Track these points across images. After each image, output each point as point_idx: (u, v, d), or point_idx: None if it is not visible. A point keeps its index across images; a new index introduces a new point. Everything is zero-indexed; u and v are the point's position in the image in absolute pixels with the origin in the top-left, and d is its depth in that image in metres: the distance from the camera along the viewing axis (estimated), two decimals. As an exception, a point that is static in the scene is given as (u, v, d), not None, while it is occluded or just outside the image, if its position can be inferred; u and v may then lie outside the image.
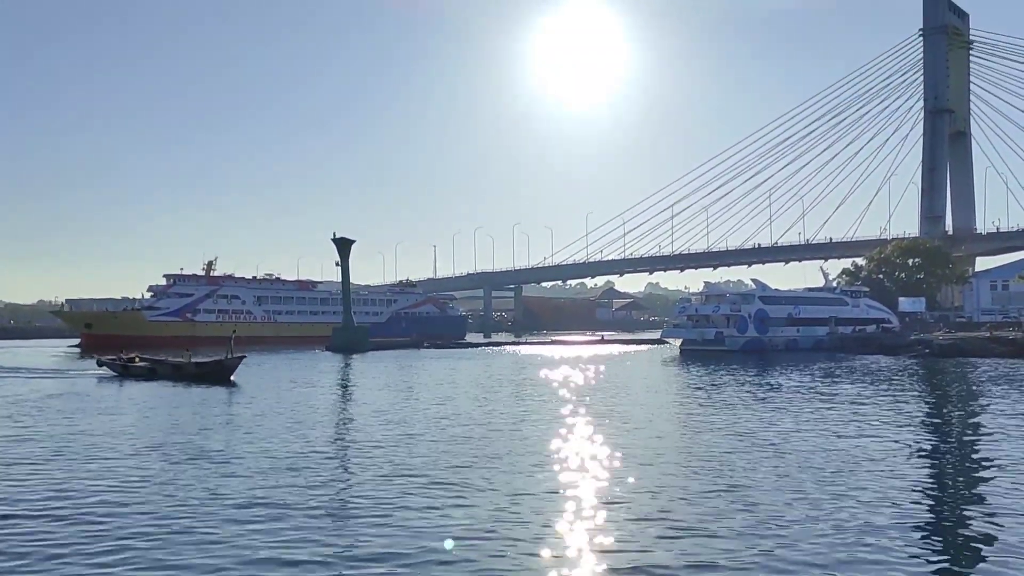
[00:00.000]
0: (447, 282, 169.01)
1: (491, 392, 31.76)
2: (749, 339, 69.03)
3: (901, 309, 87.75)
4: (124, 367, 42.06)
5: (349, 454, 17.36)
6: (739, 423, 21.83)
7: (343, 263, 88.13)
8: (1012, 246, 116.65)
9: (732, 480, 13.97)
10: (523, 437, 19.29)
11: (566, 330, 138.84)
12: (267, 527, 11.00)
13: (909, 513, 11.81)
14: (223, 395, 31.26)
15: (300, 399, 29.48)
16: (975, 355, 57.05)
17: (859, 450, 17.24)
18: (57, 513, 11.88)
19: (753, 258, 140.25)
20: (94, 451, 17.51)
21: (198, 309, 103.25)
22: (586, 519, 11.15)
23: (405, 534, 10.61)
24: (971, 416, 24.56)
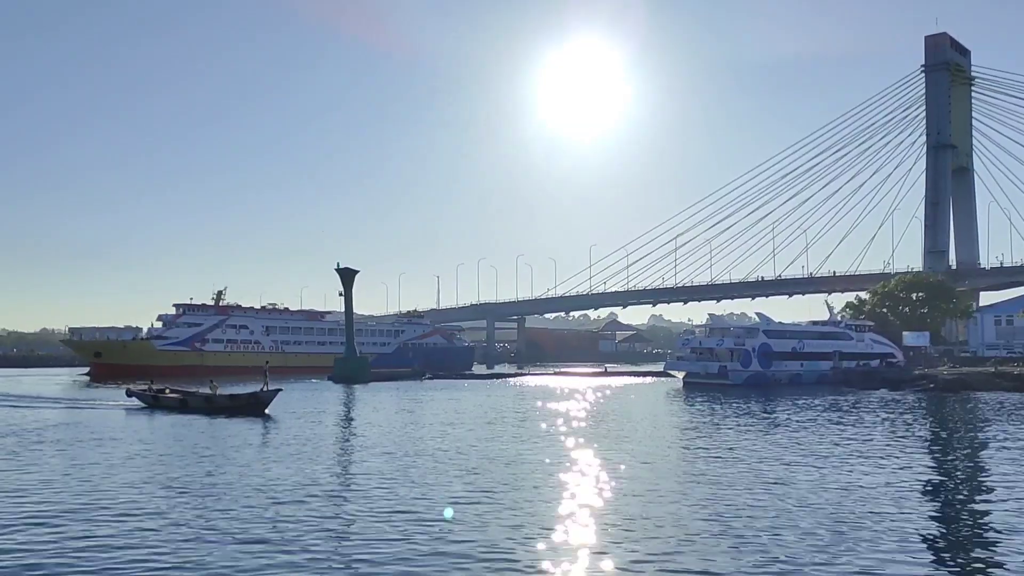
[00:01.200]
0: (450, 313, 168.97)
1: (495, 424, 31.62)
2: (753, 373, 68.79)
3: (905, 343, 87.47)
4: (155, 398, 40.85)
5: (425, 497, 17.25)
6: (741, 458, 21.71)
7: (346, 293, 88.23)
8: (1016, 281, 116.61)
9: (732, 516, 13.90)
10: (523, 473, 19.19)
11: (569, 362, 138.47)
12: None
13: (910, 550, 11.70)
14: (260, 430, 30.04)
15: (339, 434, 29.41)
16: (980, 389, 56.78)
17: (861, 486, 17.14)
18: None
19: (757, 291, 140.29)
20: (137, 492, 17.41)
21: (207, 339, 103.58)
22: (583, 554, 11.05)
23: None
24: (975, 451, 24.40)
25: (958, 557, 11.66)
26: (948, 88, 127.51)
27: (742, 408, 41.36)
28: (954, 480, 19.05)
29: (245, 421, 32.75)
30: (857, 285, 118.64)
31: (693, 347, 75.50)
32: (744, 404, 44.36)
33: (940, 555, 11.65)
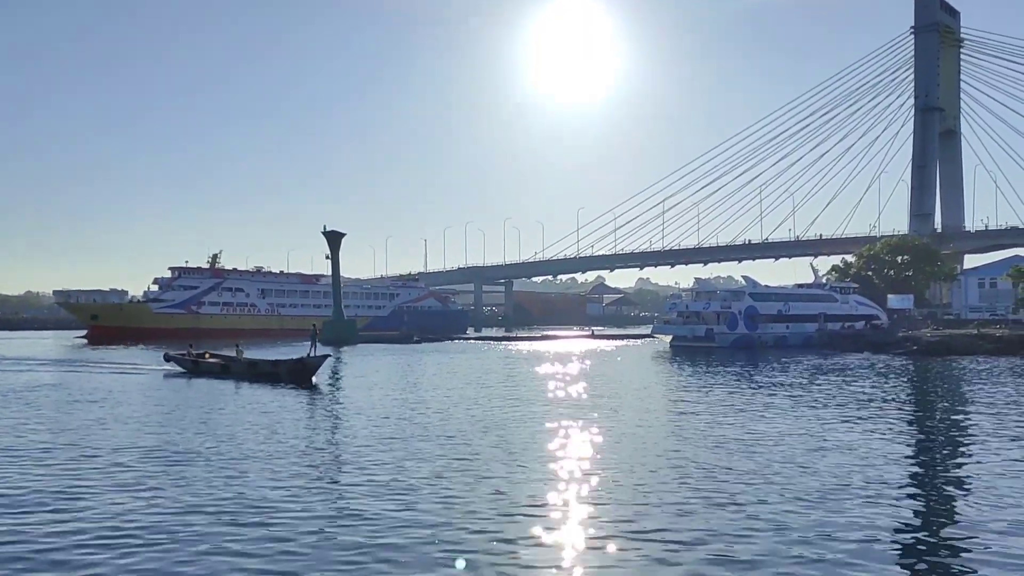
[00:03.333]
0: (438, 276, 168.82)
1: (485, 387, 31.78)
2: (739, 336, 69.33)
3: (890, 306, 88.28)
4: (195, 363, 38.81)
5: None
6: (727, 420, 21.94)
7: (333, 256, 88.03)
8: (1000, 244, 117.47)
9: (719, 477, 14.06)
10: (508, 438, 19.33)
11: (556, 325, 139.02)
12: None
13: (892, 510, 11.91)
14: (306, 399, 27.66)
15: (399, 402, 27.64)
16: (962, 352, 57.43)
17: (844, 446, 17.36)
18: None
19: (743, 254, 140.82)
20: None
21: (203, 302, 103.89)
22: (569, 523, 11.16)
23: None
24: (955, 413, 24.75)
25: (937, 515, 11.86)
26: (937, 50, 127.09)
27: (728, 370, 41.73)
28: (935, 440, 19.33)
29: (290, 390, 30.43)
30: (843, 248, 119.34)
31: (680, 310, 75.95)
32: (730, 366, 44.76)
33: (918, 512, 11.86)
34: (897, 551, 9.90)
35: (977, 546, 10.19)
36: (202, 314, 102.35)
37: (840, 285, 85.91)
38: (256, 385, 31.94)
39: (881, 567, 9.21)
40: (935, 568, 9.44)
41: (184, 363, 39.22)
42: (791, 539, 10.21)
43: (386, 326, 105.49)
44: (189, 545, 9.97)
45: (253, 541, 10.12)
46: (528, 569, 9.14)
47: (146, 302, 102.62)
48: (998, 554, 9.80)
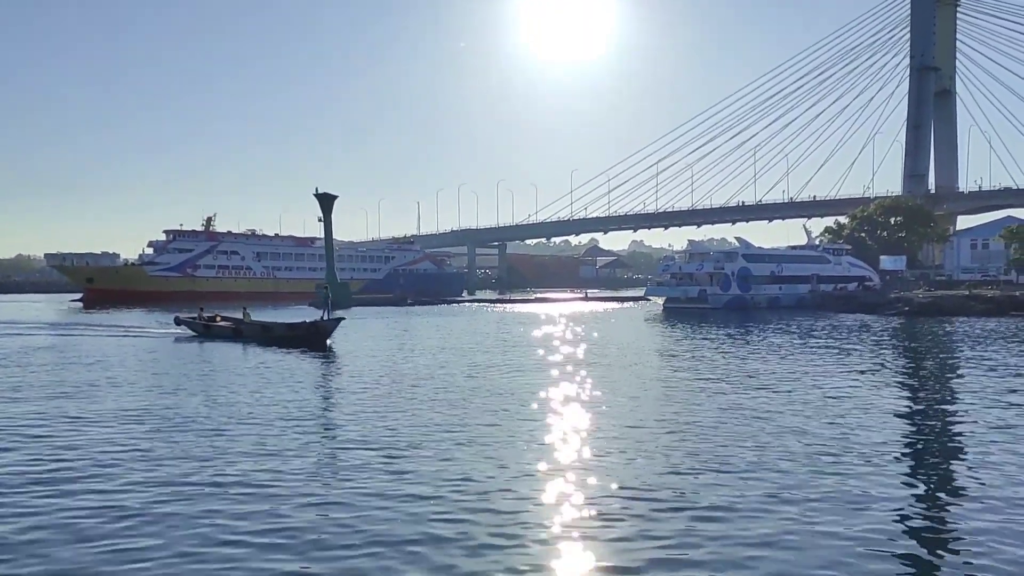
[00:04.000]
0: (431, 239, 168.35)
1: (481, 352, 31.85)
2: (732, 297, 69.56)
3: (882, 267, 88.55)
4: (206, 326, 38.27)
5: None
6: (719, 380, 22.05)
7: (326, 219, 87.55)
8: (993, 205, 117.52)
9: (707, 440, 14.14)
10: (506, 399, 19.40)
11: (550, 288, 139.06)
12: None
13: (884, 471, 12.02)
14: (320, 363, 27.14)
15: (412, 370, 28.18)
16: (953, 313, 57.77)
17: (834, 407, 17.49)
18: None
19: (737, 216, 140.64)
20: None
21: (198, 264, 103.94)
22: (561, 484, 11.22)
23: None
24: (942, 373, 24.94)
25: (929, 475, 11.99)
26: (933, 8, 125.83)
27: (721, 331, 41.89)
28: (923, 400, 19.47)
29: (304, 353, 29.95)
30: (837, 210, 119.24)
31: (673, 272, 76.10)
32: (723, 328, 44.92)
33: (907, 470, 11.98)
34: (890, 512, 9.98)
35: (970, 507, 10.30)
36: (197, 277, 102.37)
37: (833, 247, 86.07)
38: (269, 348, 31.58)
39: (874, 529, 9.28)
40: (929, 530, 9.53)
41: (195, 326, 38.76)
42: (783, 500, 10.27)
43: (381, 289, 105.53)
44: (194, 505, 10.01)
45: (256, 507, 10.16)
46: (519, 528, 9.20)
47: (141, 265, 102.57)
48: (991, 513, 9.91)
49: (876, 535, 8.90)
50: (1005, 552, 8.41)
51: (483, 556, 8.16)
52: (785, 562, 8.10)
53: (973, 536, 8.99)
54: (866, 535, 8.88)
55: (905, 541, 8.86)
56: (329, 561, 8.11)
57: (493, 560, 8.01)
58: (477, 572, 7.80)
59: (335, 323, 34.44)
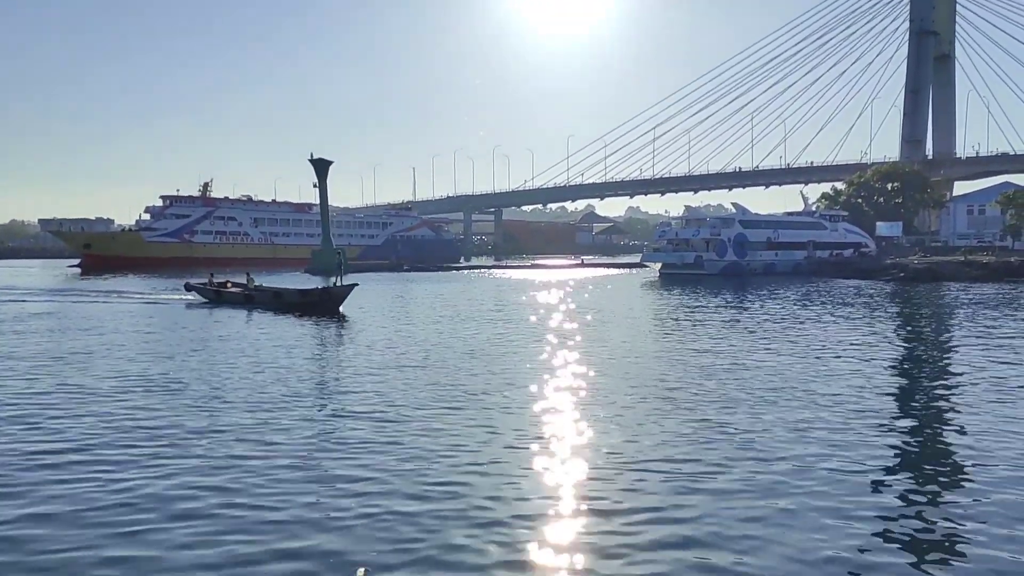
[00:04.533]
0: (427, 205, 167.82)
1: (472, 319, 31.90)
2: (728, 263, 69.54)
3: (878, 234, 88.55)
4: (217, 292, 38.01)
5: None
6: (714, 346, 22.14)
7: (321, 184, 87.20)
8: (990, 171, 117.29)
9: (702, 405, 14.22)
10: (501, 365, 19.46)
11: (546, 254, 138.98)
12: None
13: (878, 434, 12.11)
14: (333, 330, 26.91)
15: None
16: (949, 279, 57.91)
17: (829, 371, 17.58)
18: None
19: (734, 182, 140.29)
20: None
21: (195, 230, 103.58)
22: (554, 449, 11.28)
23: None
24: (935, 337, 25.08)
25: (923, 436, 12.08)
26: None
27: (715, 298, 41.94)
28: (919, 364, 19.59)
29: (317, 320, 29.68)
30: (834, 175, 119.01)
31: (669, 238, 76.01)
32: (718, 294, 44.99)
33: (901, 433, 12.07)
34: (885, 476, 10.07)
35: (963, 467, 10.39)
36: (195, 243, 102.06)
37: (829, 213, 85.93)
38: (281, 315, 31.32)
39: (868, 493, 9.36)
40: (922, 492, 9.62)
41: (206, 292, 38.46)
42: (777, 466, 10.31)
43: (379, 255, 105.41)
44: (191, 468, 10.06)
45: (260, 466, 10.22)
46: (510, 490, 9.26)
47: (138, 231, 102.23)
48: (983, 473, 10.00)
49: (870, 501, 8.96)
50: (999, 514, 8.51)
51: (474, 524, 8.19)
52: (779, 526, 8.18)
53: (968, 498, 9.08)
54: (861, 500, 8.94)
55: (901, 506, 8.95)
56: (322, 532, 8.16)
57: (484, 528, 8.05)
58: (468, 540, 7.85)
59: (348, 289, 33.87)
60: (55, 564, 7.20)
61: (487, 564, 7.19)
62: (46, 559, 7.30)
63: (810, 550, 7.47)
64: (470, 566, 7.14)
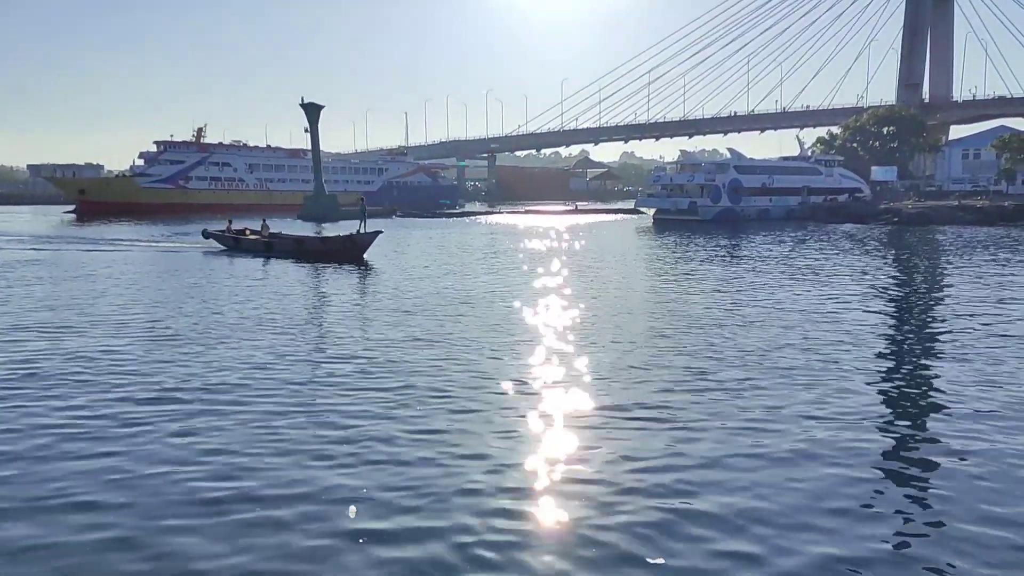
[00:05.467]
0: (419, 150, 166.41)
1: (468, 262, 31.87)
2: (722, 209, 69.32)
3: (873, 178, 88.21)
4: (235, 240, 36.98)
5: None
6: (705, 291, 22.23)
7: (312, 129, 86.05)
8: (987, 114, 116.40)
9: (695, 354, 14.29)
10: (491, 311, 19.50)
11: (540, 200, 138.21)
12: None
13: (869, 381, 12.22)
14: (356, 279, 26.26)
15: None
16: (942, 223, 57.98)
17: (821, 315, 17.68)
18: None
19: (729, 127, 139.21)
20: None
21: (190, 176, 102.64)
22: (544, 398, 11.35)
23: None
24: (930, 280, 25.21)
25: (914, 382, 12.20)
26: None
27: (708, 244, 41.94)
28: (911, 307, 19.71)
29: (340, 268, 29.09)
30: (830, 119, 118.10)
31: (664, 184, 75.57)
32: (712, 239, 44.98)
33: (894, 375, 12.19)
34: (877, 425, 10.16)
35: (954, 414, 10.51)
36: (190, 189, 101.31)
37: (825, 158, 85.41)
38: (303, 263, 30.73)
39: (860, 441, 9.45)
40: (914, 438, 9.74)
41: (224, 240, 37.63)
42: (770, 415, 10.35)
43: (375, 201, 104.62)
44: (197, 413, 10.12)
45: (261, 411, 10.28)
46: (501, 441, 9.34)
47: (132, 176, 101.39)
48: (973, 418, 10.12)
49: (863, 448, 9.03)
50: (985, 457, 8.63)
51: (464, 475, 8.25)
52: (771, 475, 8.27)
53: (961, 442, 9.20)
54: (853, 447, 8.99)
55: (891, 453, 9.06)
56: (315, 472, 8.24)
57: (476, 478, 8.12)
58: (456, 484, 7.93)
59: (372, 237, 32.93)
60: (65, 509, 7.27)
61: (473, 505, 7.27)
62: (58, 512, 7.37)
63: (807, 498, 7.56)
64: (458, 507, 7.23)
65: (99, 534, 6.71)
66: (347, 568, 6.15)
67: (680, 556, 6.30)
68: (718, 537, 6.61)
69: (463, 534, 6.66)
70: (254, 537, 6.63)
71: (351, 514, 7.06)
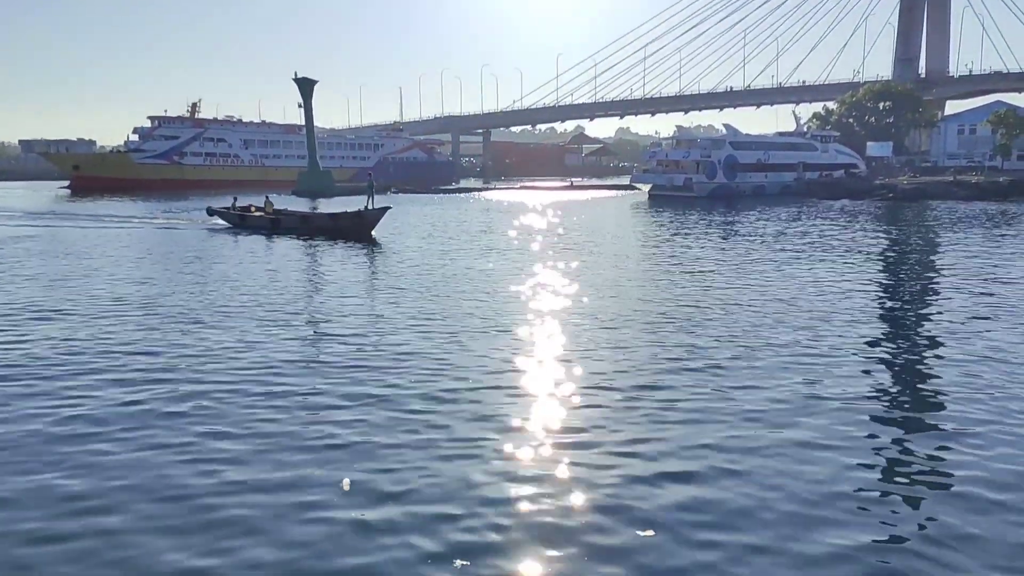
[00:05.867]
0: (414, 126, 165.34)
1: (463, 237, 31.85)
2: (718, 185, 69.17)
3: (868, 154, 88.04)
4: (241, 217, 36.47)
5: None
6: (701, 268, 22.29)
7: (306, 104, 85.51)
8: (983, 89, 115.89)
9: (689, 330, 14.36)
10: (484, 285, 19.54)
11: (535, 176, 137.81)
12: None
13: (859, 344, 12.31)
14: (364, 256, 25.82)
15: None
16: (938, 199, 58.02)
17: (811, 290, 17.76)
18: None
19: (725, 102, 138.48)
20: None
21: (185, 152, 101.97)
22: (537, 372, 11.42)
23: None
24: (923, 255, 25.28)
25: (908, 354, 12.29)
26: None
27: (704, 220, 41.95)
28: (905, 284, 19.79)
29: (347, 245, 28.74)
30: (826, 95, 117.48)
31: (659, 159, 75.34)
32: (707, 216, 44.96)
33: (888, 352, 12.28)
34: (869, 400, 10.24)
35: (946, 387, 10.60)
36: (185, 165, 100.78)
37: (821, 133, 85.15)
38: (310, 240, 30.41)
39: (852, 416, 9.53)
40: (911, 416, 9.82)
41: (229, 217, 37.13)
42: (764, 396, 10.40)
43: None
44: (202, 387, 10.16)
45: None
46: (492, 421, 9.41)
47: (127, 152, 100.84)
48: (964, 392, 10.22)
49: (856, 423, 9.13)
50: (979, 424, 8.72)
51: (453, 444, 8.34)
52: (766, 460, 8.35)
53: (957, 420, 9.29)
54: (846, 426, 9.07)
55: (886, 432, 9.14)
56: (310, 448, 8.31)
57: (462, 447, 8.21)
58: (448, 460, 8.00)
59: (380, 212, 32.53)
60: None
61: (465, 480, 7.35)
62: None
63: (808, 484, 7.64)
64: (450, 478, 7.30)
65: (86, 521, 6.75)
66: (345, 546, 6.22)
67: (673, 540, 6.35)
68: (712, 522, 6.66)
69: (451, 508, 6.74)
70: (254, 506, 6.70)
71: (345, 486, 7.13)
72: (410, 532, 6.30)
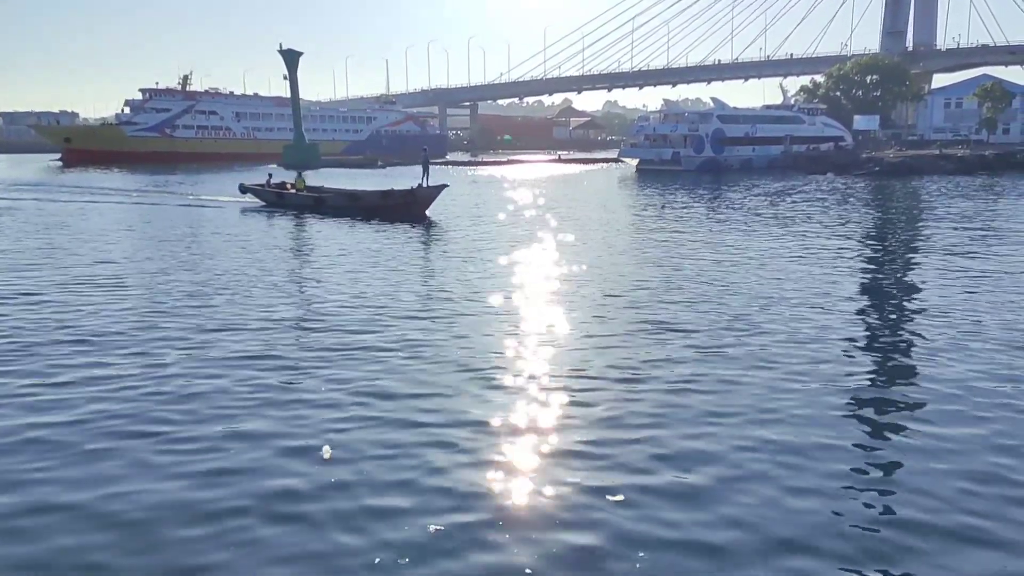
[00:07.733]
0: (401, 98, 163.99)
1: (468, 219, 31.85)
2: (705, 159, 69.25)
3: (855, 127, 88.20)
4: (278, 195, 33.20)
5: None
6: (687, 243, 22.39)
7: (291, 76, 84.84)
8: (971, 62, 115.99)
9: (677, 305, 14.46)
10: (474, 264, 19.58)
11: (523, 149, 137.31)
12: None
13: (845, 328, 12.47)
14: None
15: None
16: (923, 172, 58.30)
17: (794, 271, 17.90)
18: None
19: (713, 75, 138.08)
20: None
21: (177, 125, 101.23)
22: (524, 349, 11.49)
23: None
24: (908, 229, 25.48)
25: (894, 332, 12.45)
26: None
27: (691, 193, 42.03)
28: (888, 256, 19.96)
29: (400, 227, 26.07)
30: (814, 68, 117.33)
31: (647, 133, 75.34)
32: (694, 190, 45.04)
33: (873, 320, 12.45)
34: (854, 376, 10.39)
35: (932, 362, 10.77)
36: (177, 138, 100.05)
37: (808, 107, 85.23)
38: (358, 221, 27.66)
39: (839, 392, 9.68)
40: (895, 394, 9.98)
41: (265, 195, 33.92)
42: (749, 373, 10.54)
43: (364, 151, 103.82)
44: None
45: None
46: (482, 390, 9.50)
47: (118, 125, 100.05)
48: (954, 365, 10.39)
49: (845, 400, 9.25)
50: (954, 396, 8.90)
51: (440, 417, 8.42)
52: (752, 437, 8.48)
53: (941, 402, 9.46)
54: (834, 401, 9.19)
55: (870, 406, 9.30)
56: (291, 416, 8.39)
57: (447, 421, 8.28)
58: (434, 434, 8.09)
59: (436, 191, 29.82)
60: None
61: (446, 451, 7.42)
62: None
63: (795, 459, 7.78)
64: (434, 446, 7.41)
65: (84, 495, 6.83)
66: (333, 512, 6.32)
67: (666, 522, 6.44)
68: (701, 499, 6.79)
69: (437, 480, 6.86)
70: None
71: (325, 454, 7.22)
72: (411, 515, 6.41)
